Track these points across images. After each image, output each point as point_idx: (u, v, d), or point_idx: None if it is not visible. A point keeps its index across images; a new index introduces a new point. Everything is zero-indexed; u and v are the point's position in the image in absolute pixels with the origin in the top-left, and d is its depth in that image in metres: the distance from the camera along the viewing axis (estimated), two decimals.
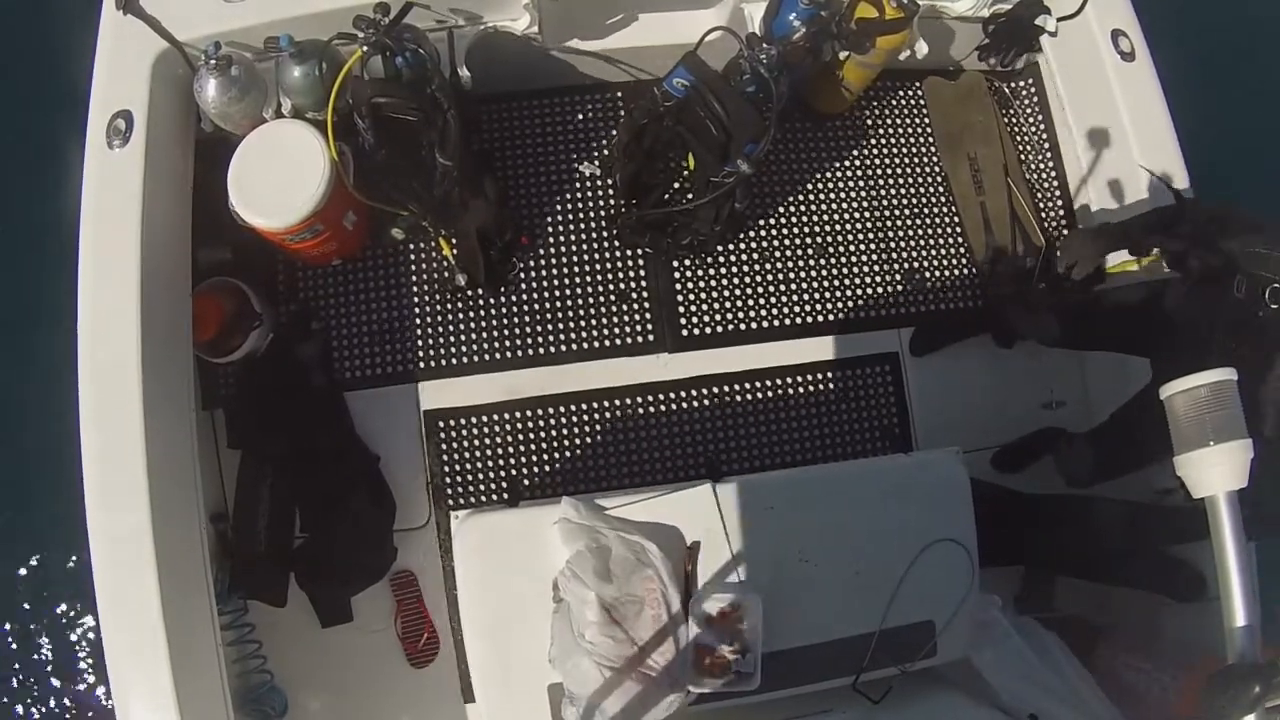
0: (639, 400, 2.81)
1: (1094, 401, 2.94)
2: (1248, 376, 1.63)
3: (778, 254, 2.95)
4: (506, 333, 2.81)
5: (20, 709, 3.25)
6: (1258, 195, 3.84)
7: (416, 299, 2.80)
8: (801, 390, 2.88)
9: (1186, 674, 2.28)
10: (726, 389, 2.85)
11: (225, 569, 2.49)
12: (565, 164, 2.93)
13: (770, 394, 2.86)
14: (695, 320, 2.88)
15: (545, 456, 2.77)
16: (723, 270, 2.92)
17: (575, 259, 2.88)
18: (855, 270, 2.98)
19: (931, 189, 3.07)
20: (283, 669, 2.55)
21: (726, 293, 2.90)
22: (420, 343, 2.77)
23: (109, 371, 2.14)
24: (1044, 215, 3.09)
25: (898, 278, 2.99)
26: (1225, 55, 4.15)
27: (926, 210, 3.05)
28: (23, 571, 3.25)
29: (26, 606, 3.24)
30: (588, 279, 2.87)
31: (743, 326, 2.89)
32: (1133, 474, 2.46)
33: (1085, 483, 2.56)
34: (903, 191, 3.05)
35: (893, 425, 2.91)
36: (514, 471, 2.75)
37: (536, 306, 2.84)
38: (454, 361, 2.78)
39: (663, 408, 2.82)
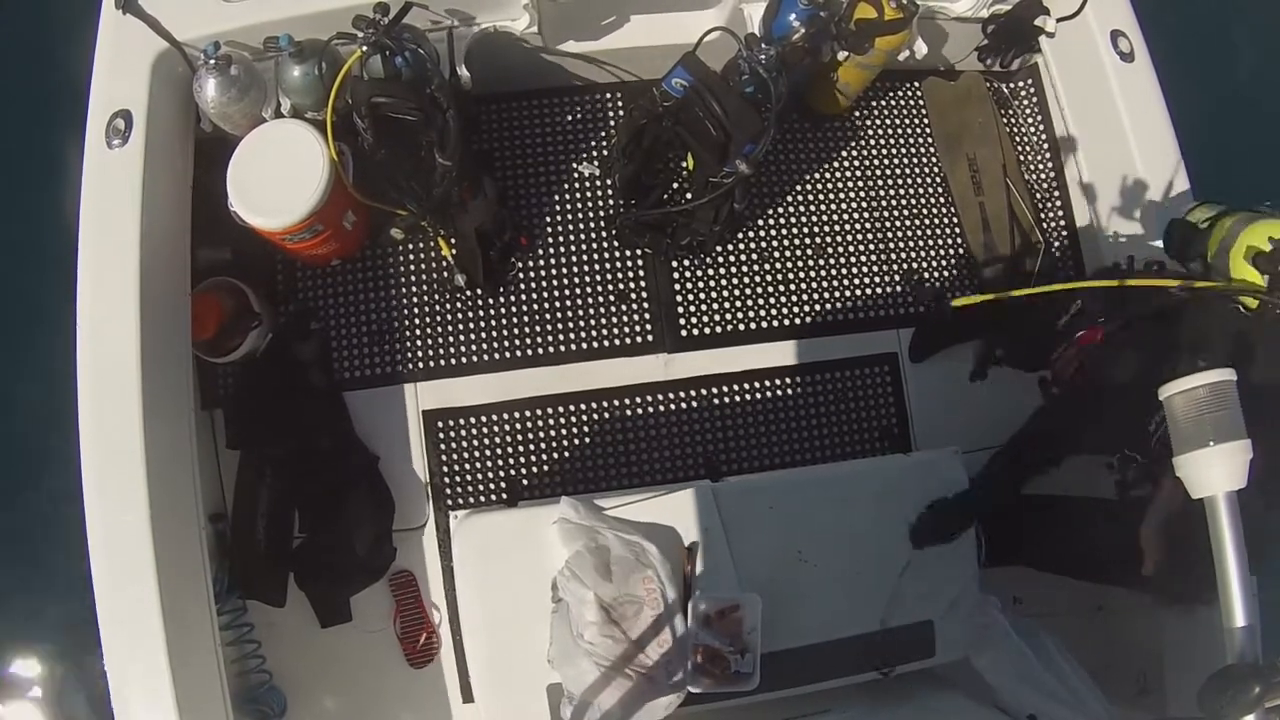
0: (638, 400, 2.81)
1: None
2: None
3: (777, 254, 2.95)
4: (506, 333, 2.81)
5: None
6: (1256, 196, 3.84)
7: (416, 299, 2.80)
8: (801, 390, 2.88)
9: None
10: (725, 389, 2.84)
11: (224, 569, 2.49)
12: (564, 164, 2.93)
13: (769, 394, 2.86)
14: (694, 320, 2.88)
15: (544, 456, 2.77)
16: (722, 271, 2.92)
17: (574, 259, 2.88)
18: (854, 271, 2.98)
19: (930, 189, 3.07)
20: (281, 669, 2.55)
21: (726, 293, 2.90)
22: (419, 343, 2.77)
23: (108, 371, 2.14)
24: (1043, 216, 3.09)
25: (896, 278, 2.99)
26: (1224, 56, 4.16)
27: (925, 211, 3.05)
28: (21, 571, 3.24)
29: (25, 606, 3.23)
30: (587, 279, 2.87)
31: (742, 327, 2.89)
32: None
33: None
34: (901, 192, 3.05)
35: (892, 425, 2.91)
36: (513, 471, 2.75)
37: (536, 307, 2.84)
38: (453, 361, 2.78)
39: (662, 408, 2.82)
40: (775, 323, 2.91)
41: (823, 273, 2.96)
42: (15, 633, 3.21)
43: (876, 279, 2.98)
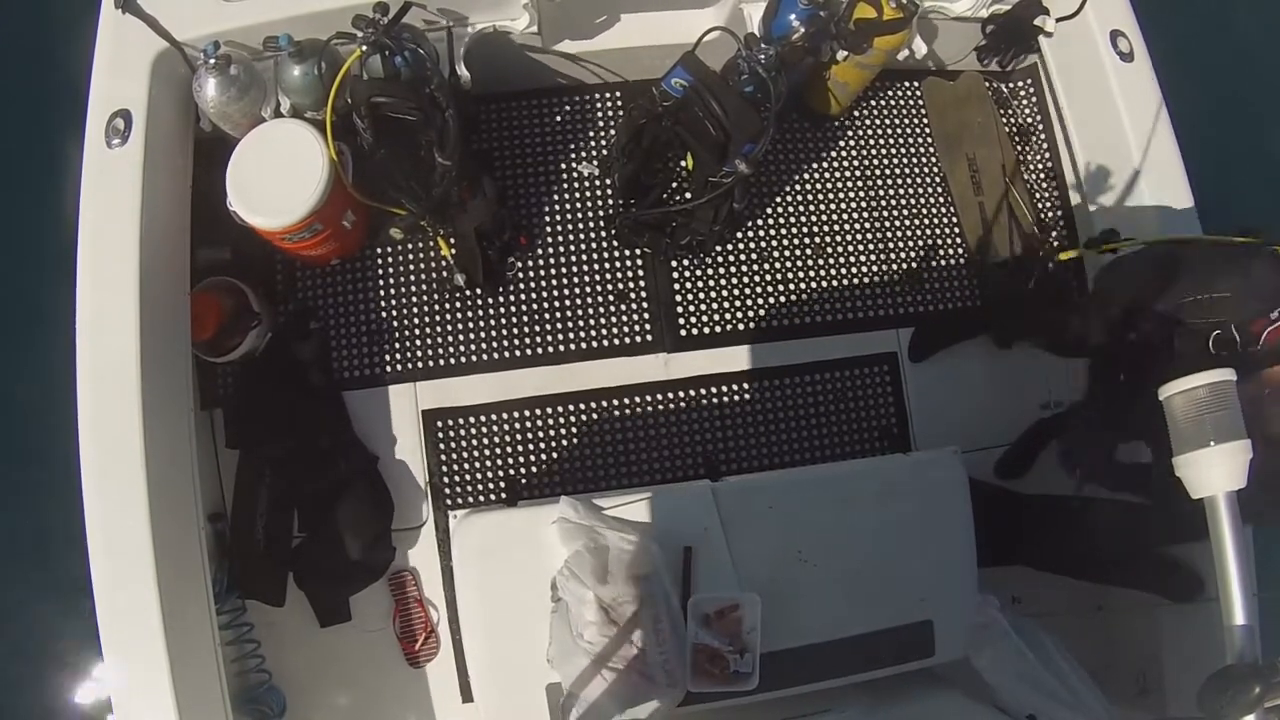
0: (637, 400, 2.81)
1: None
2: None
3: (776, 254, 2.95)
4: (505, 332, 2.81)
5: (19, 709, 3.25)
6: (1256, 195, 3.85)
7: (415, 299, 2.80)
8: (800, 390, 2.88)
9: None
10: (725, 389, 2.84)
11: (223, 569, 2.49)
12: (564, 164, 2.93)
13: (769, 394, 2.86)
14: (694, 320, 2.88)
15: (544, 456, 2.77)
16: (721, 270, 2.92)
17: (574, 259, 2.88)
18: (854, 270, 2.98)
19: (930, 189, 3.07)
20: (281, 668, 2.55)
21: (725, 293, 2.90)
22: (419, 342, 2.78)
23: (108, 371, 2.14)
24: (1042, 216, 3.09)
25: (896, 278, 2.99)
26: (1224, 56, 4.15)
27: (925, 211, 3.05)
28: (21, 570, 3.24)
29: (25, 605, 3.23)
30: (586, 279, 2.87)
31: (741, 326, 2.89)
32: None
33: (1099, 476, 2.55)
34: (901, 192, 3.05)
35: (891, 425, 2.91)
36: (512, 471, 2.75)
37: (535, 306, 2.84)
38: (452, 361, 2.78)
39: (661, 407, 2.82)
40: (775, 322, 2.91)
41: (822, 272, 2.96)
42: (16, 633, 3.23)
43: (876, 279, 2.98)
